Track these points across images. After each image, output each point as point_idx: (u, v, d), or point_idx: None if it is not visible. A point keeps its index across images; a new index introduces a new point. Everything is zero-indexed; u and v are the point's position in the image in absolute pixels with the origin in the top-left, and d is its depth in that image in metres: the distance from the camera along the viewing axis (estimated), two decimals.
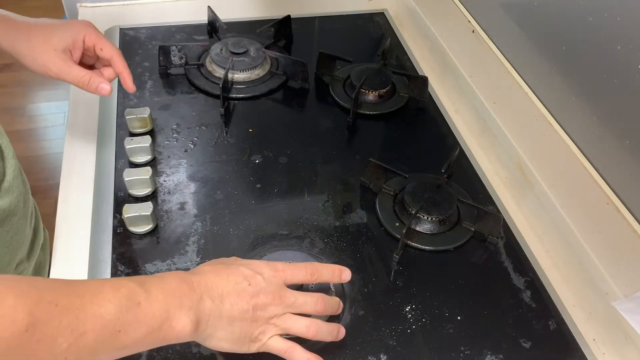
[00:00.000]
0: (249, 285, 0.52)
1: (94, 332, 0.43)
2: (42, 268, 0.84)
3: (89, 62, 0.74)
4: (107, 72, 0.73)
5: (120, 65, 0.72)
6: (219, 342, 0.52)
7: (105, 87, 0.70)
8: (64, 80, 0.69)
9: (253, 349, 0.53)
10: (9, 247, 0.71)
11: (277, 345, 0.54)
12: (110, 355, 0.46)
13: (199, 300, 0.49)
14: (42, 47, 0.68)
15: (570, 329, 0.62)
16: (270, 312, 0.52)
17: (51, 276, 0.65)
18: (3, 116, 2.24)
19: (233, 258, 0.56)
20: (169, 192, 0.73)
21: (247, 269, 0.53)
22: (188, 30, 1.01)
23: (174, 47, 0.91)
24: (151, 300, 0.47)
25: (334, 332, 0.56)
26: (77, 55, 0.70)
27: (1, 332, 0.38)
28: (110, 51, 0.72)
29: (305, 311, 0.54)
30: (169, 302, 0.48)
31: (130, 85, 0.73)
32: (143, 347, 0.48)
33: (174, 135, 0.81)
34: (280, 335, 0.54)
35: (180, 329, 0.48)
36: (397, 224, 0.70)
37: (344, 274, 0.58)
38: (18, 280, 0.42)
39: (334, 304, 0.57)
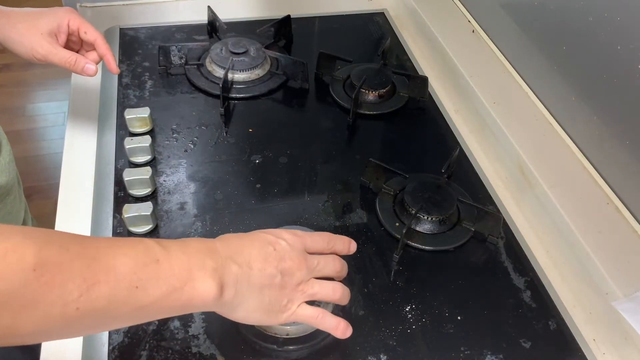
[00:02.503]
0: (274, 250, 0.50)
1: (107, 283, 0.40)
2: None
3: (74, 47, 0.77)
4: (92, 55, 0.76)
5: (103, 47, 0.75)
6: (249, 313, 0.49)
7: (91, 67, 0.73)
8: (51, 61, 0.71)
9: (282, 319, 0.51)
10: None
11: (307, 312, 0.52)
12: (130, 315, 0.43)
13: (224, 263, 0.47)
14: (29, 31, 0.70)
15: (570, 329, 0.62)
16: (297, 278, 0.51)
17: None
18: (3, 116, 2.24)
19: (255, 231, 0.54)
20: (169, 192, 0.73)
21: (269, 235, 0.51)
22: (188, 30, 1.01)
23: (174, 47, 0.91)
24: (171, 258, 0.44)
25: (349, 295, 0.56)
26: (63, 39, 0.73)
27: (7, 271, 0.36)
28: (93, 34, 0.75)
29: (327, 273, 0.53)
30: (191, 262, 0.45)
31: (113, 67, 0.76)
32: (165, 312, 0.45)
33: (174, 135, 0.81)
34: (307, 302, 0.52)
35: (204, 292, 0.45)
36: (397, 224, 0.70)
37: (352, 246, 0.57)
38: (30, 227, 0.41)
39: (345, 264, 0.57)
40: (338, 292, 0.53)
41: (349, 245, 0.57)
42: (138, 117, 0.79)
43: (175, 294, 0.44)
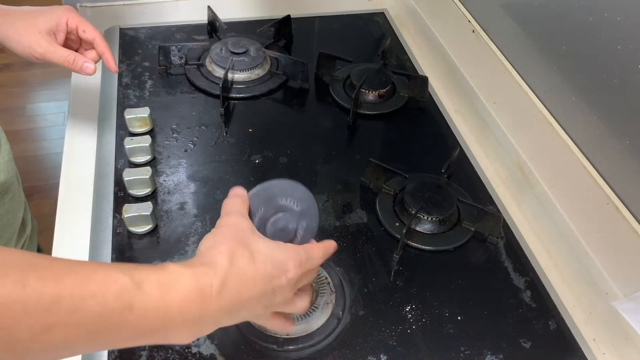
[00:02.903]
0: (274, 295, 0.47)
1: (65, 329, 0.36)
2: None
3: (73, 46, 0.76)
4: (91, 54, 0.76)
5: (102, 46, 0.75)
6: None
7: (90, 65, 0.72)
8: (49, 60, 0.71)
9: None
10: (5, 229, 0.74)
11: (275, 324, 0.52)
12: (86, 350, 0.41)
13: (214, 317, 0.43)
14: (27, 29, 0.70)
15: (570, 329, 0.62)
16: (278, 304, 0.49)
17: None
18: (3, 116, 2.23)
19: (242, 230, 0.49)
20: (168, 192, 0.73)
21: (274, 269, 0.46)
22: (188, 30, 1.01)
23: (174, 47, 0.91)
24: (146, 305, 0.40)
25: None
26: (61, 37, 0.73)
27: None
28: (92, 33, 0.74)
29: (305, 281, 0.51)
30: (170, 311, 0.41)
31: (112, 65, 0.75)
32: (130, 344, 0.42)
33: (174, 135, 0.81)
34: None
35: (176, 339, 0.42)
36: (397, 224, 0.70)
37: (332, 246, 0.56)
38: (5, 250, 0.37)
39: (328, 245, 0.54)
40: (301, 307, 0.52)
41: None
42: (138, 117, 0.79)
43: (142, 339, 0.41)
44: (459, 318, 0.62)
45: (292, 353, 0.58)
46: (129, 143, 0.75)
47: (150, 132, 0.80)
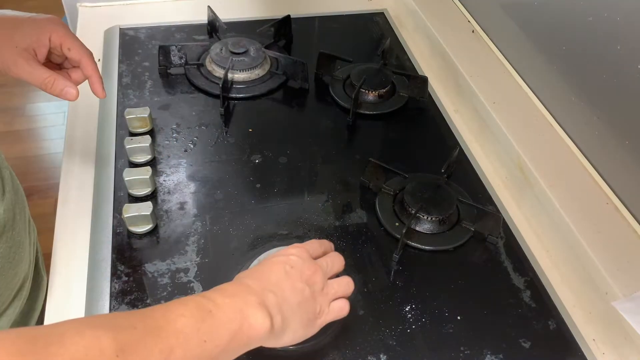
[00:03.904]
0: (291, 267, 0.52)
1: (181, 347, 0.42)
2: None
3: (57, 61, 0.68)
4: (76, 74, 0.67)
5: (89, 68, 0.65)
6: (294, 333, 0.51)
7: (71, 90, 0.63)
8: (26, 80, 0.62)
9: (318, 325, 0.54)
10: (11, 262, 0.69)
11: (336, 307, 0.55)
12: None
13: (263, 295, 0.49)
14: (3, 43, 0.61)
15: (570, 329, 0.62)
16: (319, 283, 0.53)
17: (51, 277, 0.65)
18: (3, 116, 2.24)
19: (262, 260, 0.56)
20: (168, 192, 0.73)
21: (278, 257, 0.54)
22: (188, 30, 1.01)
23: (174, 47, 0.91)
24: (220, 306, 0.46)
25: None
26: (42, 53, 0.63)
27: None
28: (78, 52, 0.65)
29: (336, 270, 0.57)
30: (238, 303, 0.47)
31: (99, 91, 0.67)
32: (231, 355, 0.47)
33: (174, 135, 0.81)
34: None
35: (259, 326, 0.47)
36: (397, 224, 0.70)
37: (331, 245, 0.61)
38: (88, 317, 0.43)
39: (341, 256, 0.59)
40: (351, 284, 0.56)
41: (331, 245, 0.61)
42: (138, 117, 0.79)
43: (237, 336, 0.46)
44: (458, 318, 0.62)
45: (292, 353, 0.58)
46: (129, 143, 0.75)
47: (150, 132, 0.80)
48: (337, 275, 0.58)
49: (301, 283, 0.52)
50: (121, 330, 0.40)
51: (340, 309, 0.55)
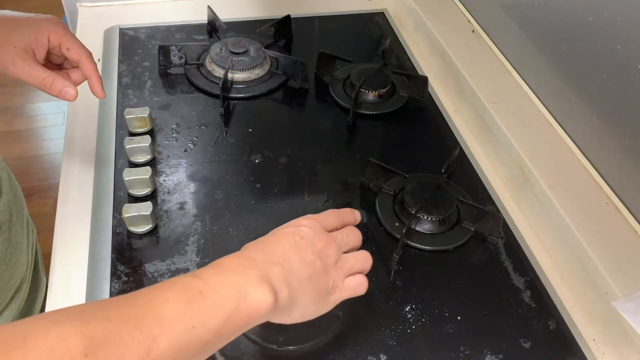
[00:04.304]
0: (301, 238, 0.49)
1: (164, 336, 0.38)
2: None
3: (57, 61, 0.68)
4: (75, 74, 0.66)
5: (88, 68, 0.65)
6: (305, 308, 0.48)
7: (70, 91, 0.63)
8: (24, 80, 0.62)
9: (332, 301, 0.51)
10: (7, 264, 0.69)
11: (352, 284, 0.52)
12: (199, 354, 0.41)
13: (266, 268, 0.45)
14: (1, 43, 0.61)
15: (570, 329, 0.62)
16: (332, 257, 0.50)
17: (50, 277, 0.65)
18: (3, 116, 2.24)
19: (272, 230, 0.52)
20: (168, 192, 0.73)
21: (288, 227, 0.51)
22: (188, 30, 1.01)
23: (174, 46, 0.91)
24: (213, 285, 0.42)
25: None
26: (41, 53, 0.63)
27: None
28: (77, 52, 0.64)
29: (352, 244, 0.54)
30: (234, 280, 0.43)
31: (98, 91, 0.66)
32: (229, 337, 0.43)
33: (174, 135, 0.81)
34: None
35: (260, 303, 0.43)
36: (397, 224, 0.70)
37: (357, 215, 0.58)
38: (58, 311, 0.38)
39: (358, 230, 0.56)
40: (369, 259, 0.54)
41: (354, 215, 0.58)
42: (138, 117, 0.79)
43: (233, 317, 0.42)
44: (459, 318, 0.62)
45: (292, 353, 0.58)
46: (129, 143, 0.75)
47: (150, 132, 0.80)
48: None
49: (312, 255, 0.48)
50: (93, 325, 0.36)
51: (357, 285, 0.52)
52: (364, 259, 0.53)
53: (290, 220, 0.53)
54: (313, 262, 0.48)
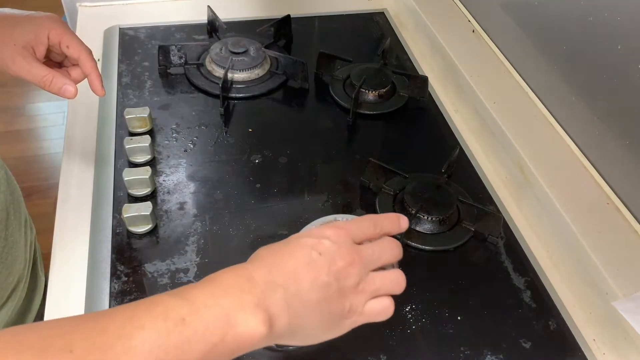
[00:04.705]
0: (320, 254, 0.43)
1: None
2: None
3: (57, 59, 0.68)
4: (75, 72, 0.66)
5: (88, 65, 0.64)
6: (311, 334, 0.44)
7: (70, 88, 0.63)
8: (24, 78, 0.62)
9: (346, 327, 0.45)
10: (4, 262, 0.69)
11: (376, 308, 0.45)
12: None
13: (266, 291, 0.40)
14: (1, 41, 0.61)
15: (570, 329, 0.62)
16: (354, 278, 0.44)
17: (50, 277, 0.65)
18: (3, 116, 2.24)
19: (290, 237, 0.46)
20: (168, 192, 0.73)
21: (309, 238, 0.44)
22: (188, 30, 1.01)
23: (174, 46, 0.91)
24: (199, 310, 0.37)
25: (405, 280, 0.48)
26: (41, 51, 0.63)
27: None
28: (77, 49, 0.64)
29: (385, 261, 0.47)
30: (224, 305, 0.38)
31: (98, 89, 0.66)
32: None
33: (174, 135, 0.81)
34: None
35: (250, 334, 0.39)
36: None
37: (402, 222, 0.49)
38: (19, 331, 0.34)
39: (400, 245, 0.48)
40: (401, 282, 0.46)
41: (398, 222, 0.49)
42: (138, 116, 0.79)
43: (217, 349, 0.37)
44: (459, 318, 0.62)
45: (292, 353, 0.58)
46: (129, 143, 0.75)
47: (150, 132, 0.80)
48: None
49: (327, 276, 0.42)
50: (50, 355, 0.32)
51: (380, 310, 0.45)
52: (395, 281, 0.46)
53: (315, 227, 0.47)
54: (327, 284, 0.42)
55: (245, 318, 0.39)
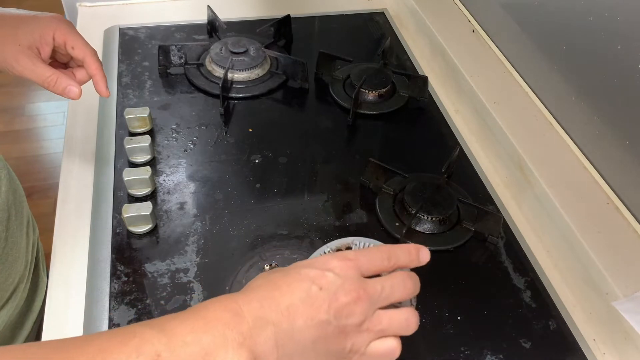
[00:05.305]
0: (321, 289, 0.39)
1: None
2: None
3: (63, 60, 0.68)
4: (80, 73, 0.66)
5: (93, 66, 0.64)
6: None
7: (74, 89, 0.62)
8: (28, 78, 0.61)
9: None
10: (4, 263, 0.69)
11: (380, 350, 0.42)
12: None
13: (253, 328, 0.37)
14: (6, 40, 0.60)
15: (570, 329, 0.62)
16: (358, 316, 0.40)
17: (50, 277, 0.65)
18: (2, 116, 2.24)
19: (293, 265, 0.42)
20: (168, 192, 0.73)
21: (311, 269, 0.40)
22: (188, 30, 1.01)
23: (174, 46, 0.91)
24: (175, 347, 0.35)
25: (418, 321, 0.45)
26: (46, 52, 0.63)
27: None
28: (82, 50, 0.64)
29: (396, 299, 0.43)
30: (205, 344, 0.35)
31: (103, 90, 0.66)
32: None
33: (174, 135, 0.81)
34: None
35: None
36: (397, 224, 0.70)
37: (422, 254, 0.44)
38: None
39: (416, 279, 0.44)
40: (412, 323, 0.42)
41: (416, 255, 0.45)
42: (138, 116, 0.79)
43: None
44: (459, 318, 0.62)
45: None
46: (129, 143, 0.75)
47: (150, 132, 0.80)
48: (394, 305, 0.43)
49: (326, 314, 0.39)
50: None
51: (385, 352, 0.42)
52: (405, 322, 0.42)
53: (323, 254, 0.44)
54: (325, 322, 0.39)
55: (227, 356, 0.36)
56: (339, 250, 0.47)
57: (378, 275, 0.43)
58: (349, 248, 0.48)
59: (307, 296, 0.39)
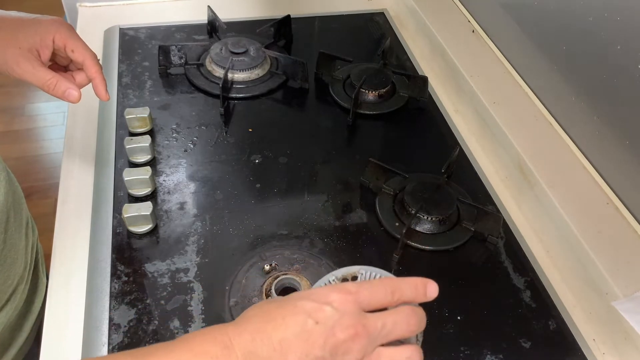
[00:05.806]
0: (317, 323, 0.37)
1: None
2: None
3: (63, 63, 0.68)
4: (80, 76, 0.66)
5: (92, 70, 0.64)
6: None
7: (73, 93, 0.62)
8: (28, 81, 0.61)
9: None
10: (2, 265, 0.69)
11: None
12: None
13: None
14: (5, 43, 0.60)
15: (570, 329, 0.62)
16: (355, 354, 0.38)
17: (50, 277, 0.65)
18: (2, 116, 2.24)
19: (290, 295, 0.41)
20: (168, 192, 0.73)
21: (308, 301, 0.38)
22: (188, 30, 1.01)
23: (174, 46, 0.91)
24: None
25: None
26: (46, 55, 0.63)
27: None
28: (82, 54, 0.63)
29: (397, 336, 0.41)
30: None
31: (102, 93, 0.65)
32: None
33: (174, 135, 0.81)
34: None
35: None
36: (397, 224, 0.70)
37: (429, 289, 0.43)
38: None
39: (422, 315, 0.42)
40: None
41: (423, 290, 0.43)
42: (138, 116, 0.79)
43: None
44: (459, 318, 0.62)
45: None
46: (129, 143, 0.75)
47: (150, 132, 0.80)
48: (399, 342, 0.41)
49: (321, 350, 0.37)
50: None
51: None
52: None
53: (324, 283, 0.42)
54: (320, 359, 0.37)
55: None
56: (345, 279, 0.46)
57: (384, 308, 0.42)
58: (355, 277, 0.46)
59: (301, 330, 0.37)
